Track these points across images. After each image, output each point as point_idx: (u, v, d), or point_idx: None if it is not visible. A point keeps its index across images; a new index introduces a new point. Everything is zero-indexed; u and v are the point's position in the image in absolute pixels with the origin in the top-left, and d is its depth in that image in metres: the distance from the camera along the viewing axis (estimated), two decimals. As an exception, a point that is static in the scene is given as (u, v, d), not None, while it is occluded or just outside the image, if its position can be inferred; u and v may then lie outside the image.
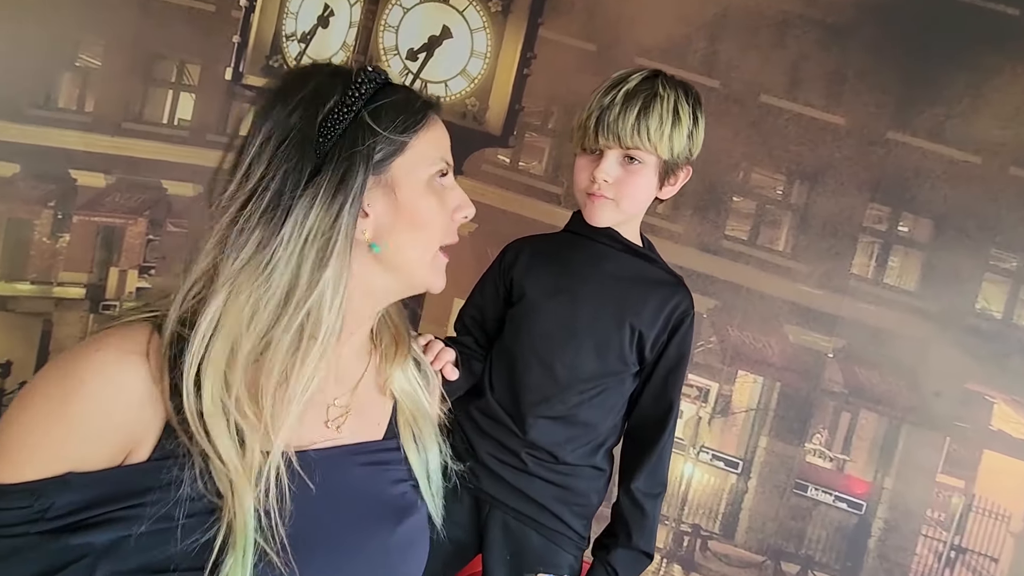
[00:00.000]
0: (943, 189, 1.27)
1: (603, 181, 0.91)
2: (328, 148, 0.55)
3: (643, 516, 0.97)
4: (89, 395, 0.46)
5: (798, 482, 1.34)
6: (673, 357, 1.00)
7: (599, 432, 0.96)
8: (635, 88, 0.88)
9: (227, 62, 1.49)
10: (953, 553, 1.24)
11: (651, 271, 1.01)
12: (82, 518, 0.45)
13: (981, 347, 1.25)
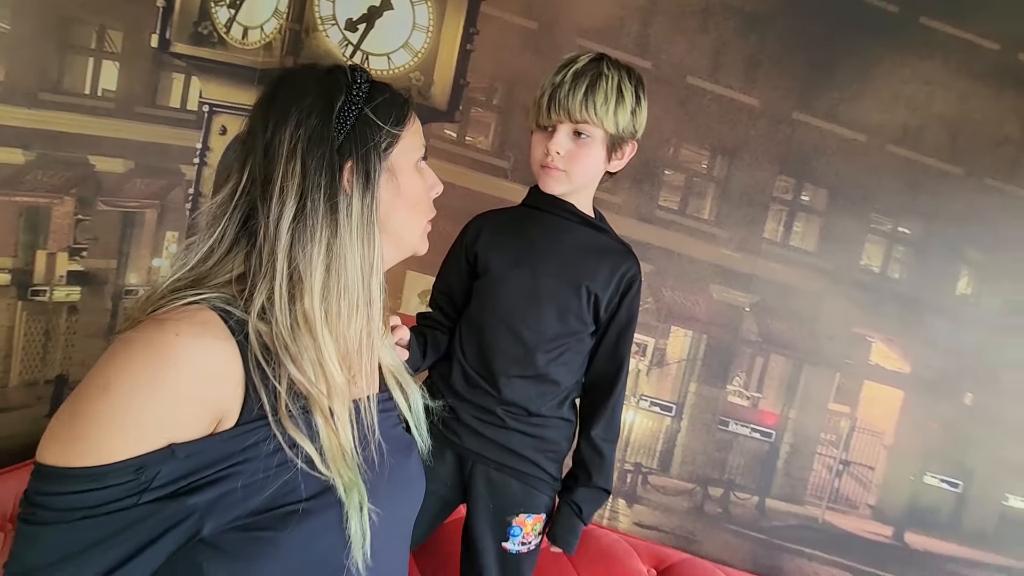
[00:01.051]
0: (836, 163, 1.43)
1: (556, 153, 0.97)
2: (342, 144, 0.57)
3: (602, 459, 1.08)
4: (182, 374, 0.48)
5: (721, 419, 1.51)
6: (624, 317, 1.10)
7: (564, 387, 1.05)
8: (582, 68, 0.95)
9: (152, 28, 1.34)
10: (841, 466, 1.46)
11: (603, 240, 1.10)
12: (187, 483, 0.48)
13: (863, 297, 1.44)
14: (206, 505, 0.48)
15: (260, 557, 0.50)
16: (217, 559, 0.50)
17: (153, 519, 0.47)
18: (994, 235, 1.37)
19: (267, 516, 0.50)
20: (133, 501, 0.46)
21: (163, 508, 0.47)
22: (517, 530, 1.02)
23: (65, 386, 1.33)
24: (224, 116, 1.54)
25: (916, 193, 1.40)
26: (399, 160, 0.61)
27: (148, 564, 0.47)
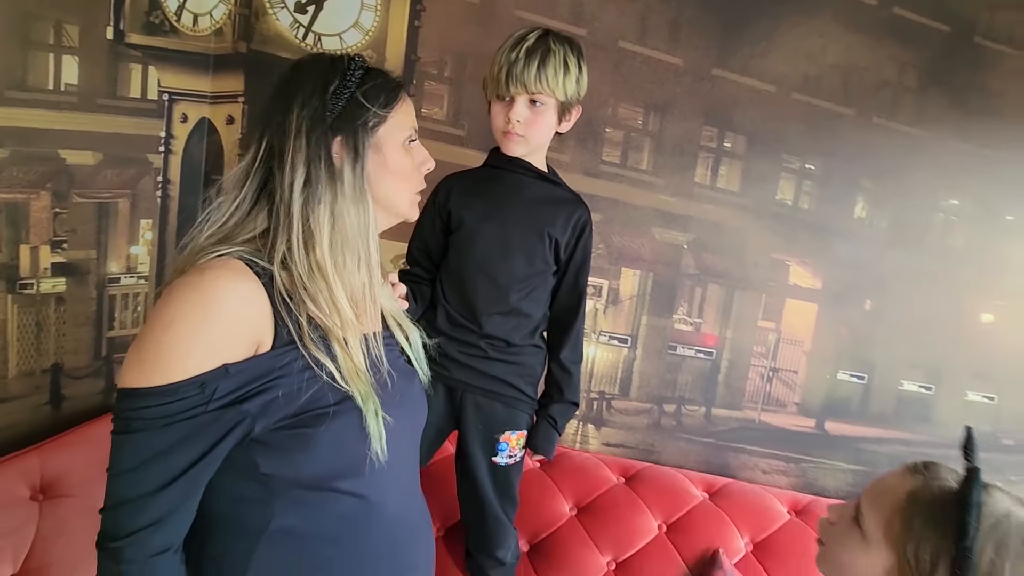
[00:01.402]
0: (751, 112, 1.62)
1: (516, 122, 1.12)
2: (334, 122, 0.67)
3: (570, 377, 1.28)
4: (225, 309, 0.61)
5: (670, 345, 1.71)
6: (580, 257, 1.29)
7: (535, 319, 1.23)
8: (534, 45, 1.10)
9: (107, 21, 1.35)
10: (771, 373, 1.69)
11: (558, 192, 1.27)
12: (240, 394, 0.60)
13: (780, 227, 1.66)
14: (256, 410, 0.60)
15: (299, 450, 0.63)
16: (266, 453, 0.62)
17: (218, 423, 0.59)
18: (881, 165, 1.61)
19: (303, 418, 0.63)
20: (201, 410, 0.58)
21: (224, 414, 0.59)
22: (504, 446, 1.19)
23: (61, 373, 1.38)
24: (184, 103, 1.57)
25: (817, 133, 1.61)
26: (386, 137, 0.71)
27: (216, 459, 0.60)
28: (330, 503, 0.65)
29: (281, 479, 0.63)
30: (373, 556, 0.67)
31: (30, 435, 1.24)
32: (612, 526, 1.49)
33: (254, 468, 0.63)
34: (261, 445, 0.62)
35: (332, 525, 0.65)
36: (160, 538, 0.58)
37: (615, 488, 1.56)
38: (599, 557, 1.47)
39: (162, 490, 0.57)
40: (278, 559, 0.64)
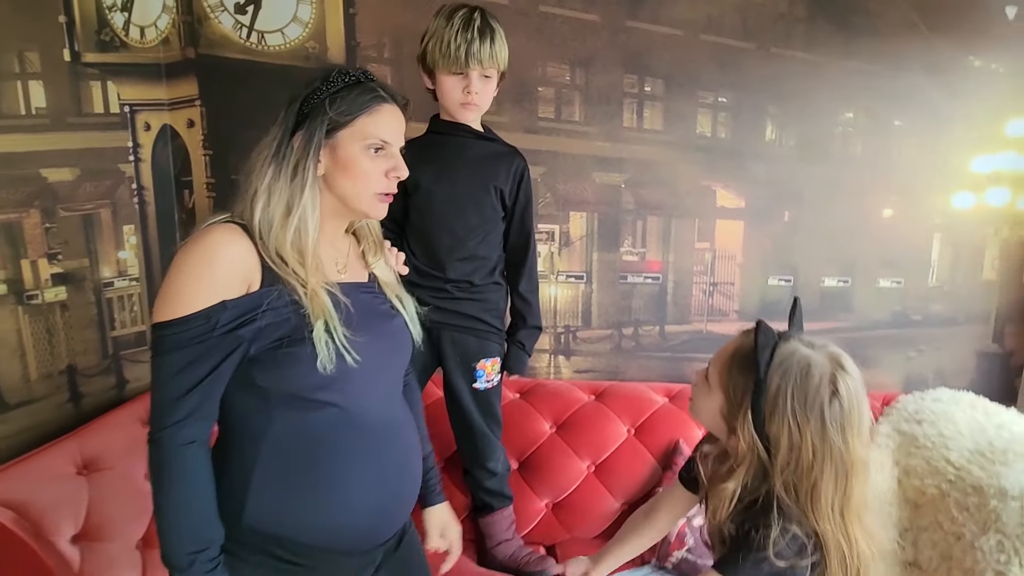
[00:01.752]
0: (665, 56, 1.78)
1: (475, 93, 1.29)
2: (304, 121, 0.83)
3: (530, 305, 1.49)
4: (224, 258, 0.78)
5: (620, 275, 1.90)
6: (523, 200, 1.50)
7: (492, 260, 1.42)
8: (481, 26, 1.27)
9: (62, 43, 1.43)
10: (711, 288, 1.90)
11: (497, 147, 1.47)
12: (236, 324, 0.76)
13: (703, 157, 1.84)
14: (250, 335, 0.77)
15: (285, 366, 0.78)
16: (261, 369, 0.78)
17: (221, 346, 0.76)
18: (783, 91, 1.79)
19: (287, 340, 0.78)
20: (208, 335, 0.75)
21: (226, 339, 0.76)
22: (481, 372, 1.38)
23: (76, 373, 1.50)
24: (144, 113, 1.66)
25: (725, 69, 1.79)
26: (343, 141, 0.82)
27: (225, 374, 0.77)
28: (314, 411, 0.80)
29: (274, 392, 0.79)
30: (354, 453, 0.83)
31: (58, 430, 1.38)
32: (587, 436, 1.70)
33: (253, 383, 0.79)
34: (257, 363, 0.78)
35: (318, 429, 0.81)
36: (187, 433, 0.75)
37: (587, 405, 1.76)
38: (579, 463, 1.68)
39: (185, 396, 0.74)
40: (277, 457, 0.80)
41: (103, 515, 1.19)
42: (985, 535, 1.17)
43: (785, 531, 0.74)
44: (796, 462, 0.73)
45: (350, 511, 0.84)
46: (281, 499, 0.81)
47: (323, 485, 0.82)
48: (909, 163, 1.84)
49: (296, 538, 0.82)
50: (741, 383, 0.77)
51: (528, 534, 1.63)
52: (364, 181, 0.85)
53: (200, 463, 0.77)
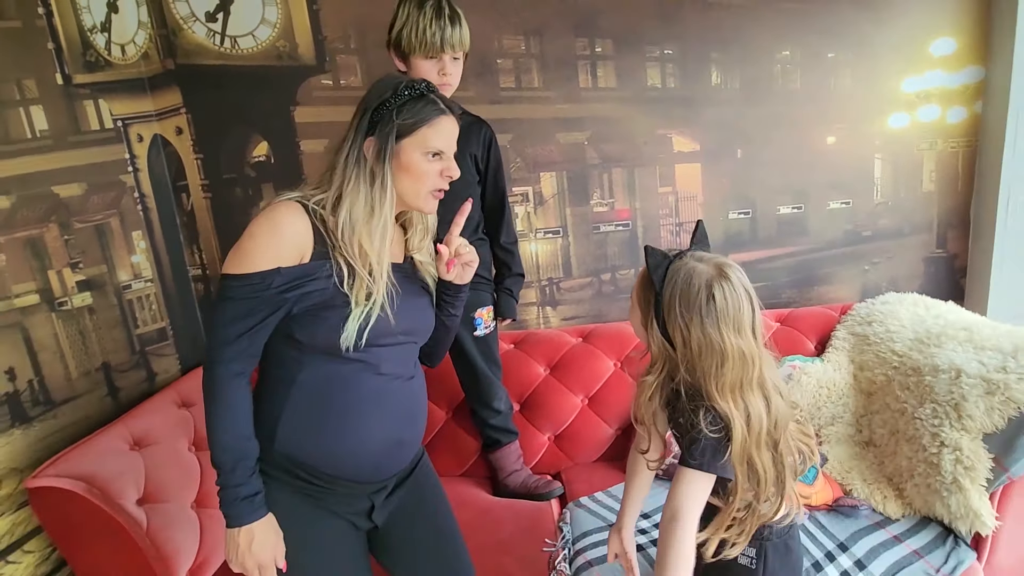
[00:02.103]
0: (611, 17, 1.89)
1: (449, 75, 1.44)
2: (370, 128, 0.96)
3: (512, 255, 1.66)
4: (287, 232, 0.93)
5: (593, 226, 2.04)
6: (494, 163, 1.67)
7: (475, 219, 1.59)
8: (451, 13, 1.42)
9: (54, 68, 1.54)
10: (677, 227, 2.05)
11: (466, 119, 1.63)
12: (286, 287, 0.91)
13: (657, 108, 1.97)
14: (295, 298, 0.92)
15: (319, 324, 0.93)
16: (299, 325, 0.93)
17: (270, 302, 0.91)
18: (723, 37, 1.92)
19: (323, 304, 0.93)
20: (261, 292, 0.90)
21: (276, 298, 0.91)
22: (479, 320, 1.53)
23: (110, 370, 1.65)
24: (136, 125, 1.78)
25: (669, 23, 1.91)
26: (406, 147, 0.94)
27: (270, 325, 0.92)
28: (339, 363, 0.95)
29: (308, 344, 0.94)
30: (366, 402, 0.97)
31: (102, 421, 1.53)
32: (578, 374, 1.87)
33: (291, 335, 0.94)
34: (297, 320, 0.93)
35: (340, 379, 0.95)
36: (234, 368, 0.91)
37: (576, 347, 1.93)
38: (573, 398, 1.85)
39: (237, 339, 0.90)
40: (303, 399, 0.96)
41: (159, 481, 1.35)
42: (922, 406, 1.35)
43: (704, 409, 0.89)
44: (689, 354, 0.89)
45: (361, 449, 0.99)
46: (304, 433, 0.97)
47: (339, 426, 0.97)
48: (845, 92, 1.99)
49: (316, 465, 0.98)
50: (648, 297, 0.93)
51: (535, 465, 1.81)
52: (419, 179, 0.97)
53: (243, 392, 0.93)
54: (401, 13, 1.37)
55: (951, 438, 1.25)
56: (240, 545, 0.93)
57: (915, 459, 1.32)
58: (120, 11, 1.70)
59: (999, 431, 1.21)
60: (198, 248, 1.95)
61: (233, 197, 1.92)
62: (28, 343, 1.43)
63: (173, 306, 1.89)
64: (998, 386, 1.22)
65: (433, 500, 1.16)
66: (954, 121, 1.99)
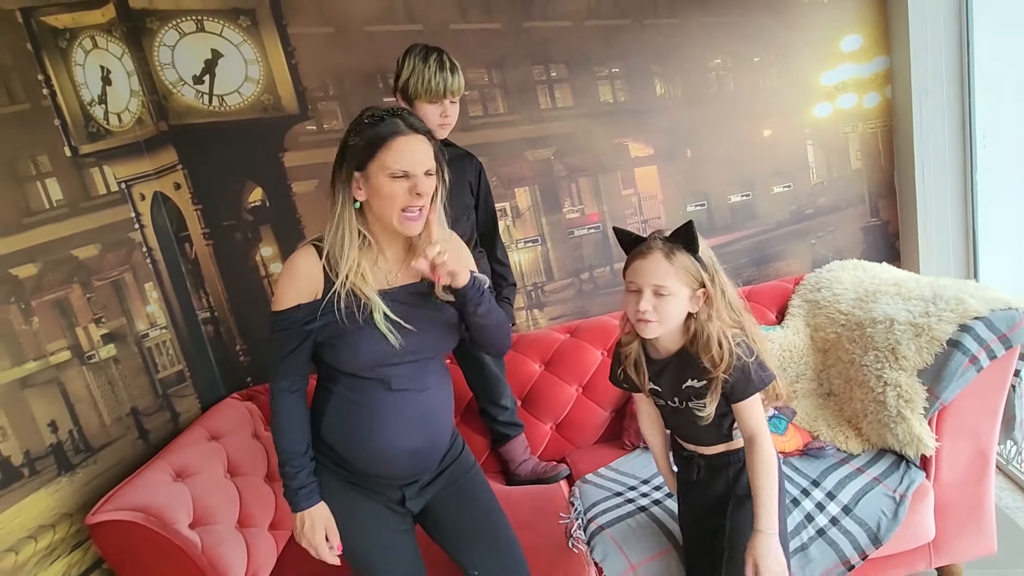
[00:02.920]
0: (562, 45, 2.09)
1: (449, 116, 1.63)
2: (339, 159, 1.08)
3: (506, 267, 1.86)
4: (300, 273, 1.08)
5: (567, 231, 2.22)
6: (484, 188, 1.87)
7: (472, 235, 1.75)
8: (451, 65, 1.62)
9: (62, 143, 1.66)
10: (643, 225, 2.24)
11: (459, 151, 1.83)
12: (307, 319, 1.08)
13: (611, 120, 2.17)
14: (316, 327, 1.09)
15: (339, 349, 1.08)
16: (325, 351, 1.10)
17: (299, 333, 1.09)
18: (661, 52, 2.14)
19: (340, 330, 1.07)
20: (290, 326, 1.08)
21: (300, 330, 1.09)
22: None
23: (139, 414, 1.75)
24: (138, 185, 1.90)
25: (612, 44, 2.12)
26: (372, 171, 1.02)
27: (304, 351, 1.10)
28: (358, 383, 1.11)
29: (334, 366, 1.11)
30: (389, 412, 1.11)
31: (138, 462, 1.63)
32: (570, 366, 2.04)
33: (323, 358, 1.11)
34: (322, 347, 1.10)
35: (364, 394, 1.10)
36: (284, 383, 1.11)
37: (565, 342, 2.10)
38: (568, 388, 2.02)
39: (282, 361, 1.09)
40: (337, 406, 1.13)
41: (206, 506, 1.46)
42: (867, 354, 1.55)
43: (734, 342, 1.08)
44: (720, 279, 1.11)
45: (379, 454, 1.12)
46: (339, 433, 1.13)
47: (361, 432, 1.12)
48: (773, 89, 2.22)
49: (349, 460, 1.14)
50: (685, 263, 1.07)
51: (541, 453, 1.97)
52: (392, 201, 1.03)
53: (295, 404, 1.12)
54: (407, 64, 1.56)
55: (892, 377, 1.45)
56: (298, 527, 1.12)
57: (866, 400, 1.52)
58: (113, 83, 1.83)
59: (928, 366, 1.42)
60: (205, 292, 2.06)
61: (234, 242, 2.05)
62: (65, 396, 1.53)
63: (188, 349, 1.99)
64: (923, 328, 1.43)
65: (471, 487, 1.27)
66: (870, 106, 2.25)
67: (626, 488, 1.61)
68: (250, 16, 1.90)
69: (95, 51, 1.79)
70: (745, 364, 1.08)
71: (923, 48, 2.06)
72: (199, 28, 1.89)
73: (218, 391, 2.08)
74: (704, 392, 1.09)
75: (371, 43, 1.99)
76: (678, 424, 1.23)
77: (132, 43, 1.87)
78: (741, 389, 1.09)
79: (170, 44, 1.88)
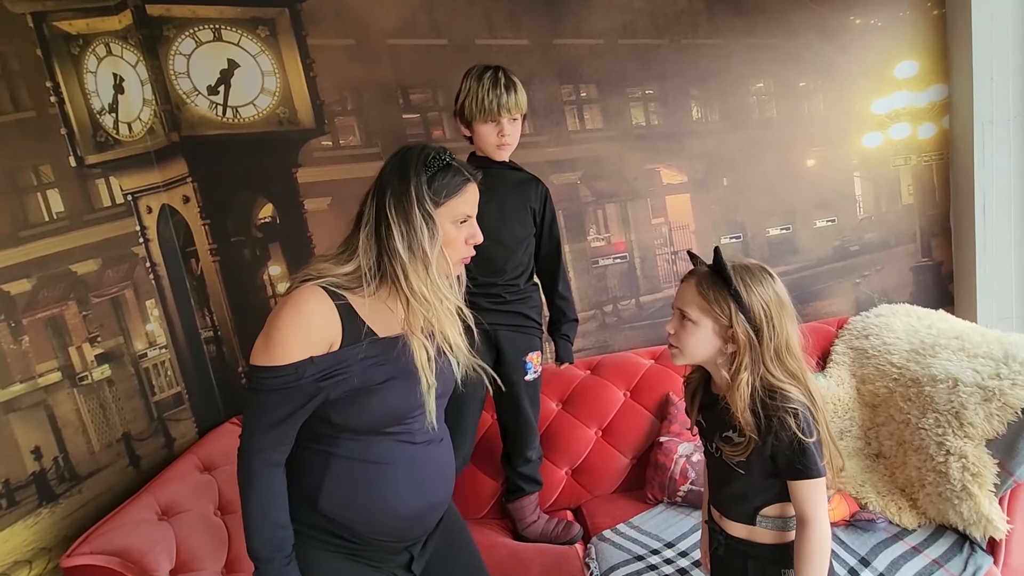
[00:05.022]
0: (593, 64, 2.00)
1: (507, 135, 1.52)
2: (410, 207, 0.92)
3: (568, 302, 1.73)
4: (315, 319, 0.88)
5: (592, 260, 2.11)
6: (549, 215, 1.75)
7: (531, 267, 1.65)
8: (506, 82, 1.52)
9: (67, 152, 1.60)
10: (673, 256, 2.12)
11: (523, 175, 1.72)
12: (319, 376, 0.88)
13: (643, 144, 2.06)
14: (330, 386, 0.89)
15: (357, 409, 0.91)
16: (335, 409, 0.91)
17: (304, 393, 0.88)
18: (700, 74, 2.02)
19: (361, 389, 0.90)
20: (295, 384, 0.87)
21: (309, 388, 0.88)
22: (530, 364, 1.60)
23: (131, 439, 1.67)
24: (146, 198, 1.83)
25: (647, 65, 2.01)
26: (442, 217, 0.94)
27: (304, 414, 0.90)
28: (375, 441, 0.95)
29: (345, 426, 0.93)
30: (400, 469, 0.98)
31: (127, 491, 1.54)
32: (590, 406, 1.90)
33: (327, 418, 0.92)
34: (333, 405, 0.91)
35: (373, 452, 0.95)
36: (268, 457, 0.90)
37: (585, 379, 1.97)
38: (587, 431, 1.88)
39: (270, 429, 0.88)
40: (341, 469, 0.96)
41: (190, 550, 1.36)
42: (925, 416, 1.40)
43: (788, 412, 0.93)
44: (772, 327, 0.95)
45: (398, 514, 1.01)
46: (345, 500, 0.98)
47: (377, 493, 0.99)
48: (819, 116, 2.09)
49: (355, 528, 0.99)
50: (717, 296, 0.96)
51: (555, 500, 1.83)
52: (452, 246, 0.97)
53: (277, 481, 0.92)
54: (464, 87, 1.48)
55: (956, 446, 1.29)
56: None
57: (924, 469, 1.36)
58: (126, 92, 1.77)
59: (1000, 436, 1.26)
60: (209, 311, 1.99)
61: (242, 259, 1.97)
62: (52, 421, 1.45)
63: (188, 370, 1.91)
64: (994, 392, 1.28)
65: (461, 541, 1.18)
66: (925, 137, 2.09)
67: (648, 552, 1.47)
68: (269, 26, 1.83)
69: (109, 58, 1.74)
70: (799, 443, 0.93)
71: (987, 76, 1.90)
72: (216, 37, 1.83)
73: (218, 415, 1.99)
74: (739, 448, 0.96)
75: (393, 57, 1.91)
76: (712, 478, 1.09)
77: (148, 51, 1.81)
78: (799, 469, 0.94)
79: (186, 53, 1.82)
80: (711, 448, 1.06)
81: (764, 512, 1.00)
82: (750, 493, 1.01)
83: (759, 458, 0.97)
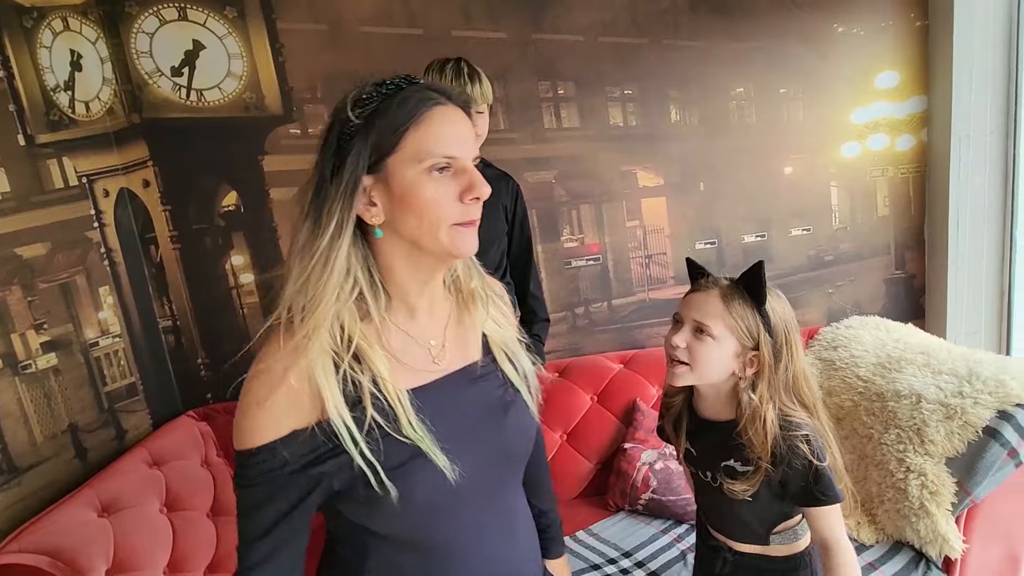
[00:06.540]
0: (572, 61, 1.96)
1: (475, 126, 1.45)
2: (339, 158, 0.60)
3: (540, 301, 1.69)
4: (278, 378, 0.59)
5: (565, 261, 2.07)
6: (520, 213, 1.70)
7: (501, 265, 1.60)
8: (469, 72, 1.46)
9: (16, 130, 1.53)
10: (647, 260, 2.09)
11: (494, 171, 1.68)
12: (312, 457, 0.61)
13: (620, 145, 2.03)
14: (331, 470, 0.61)
15: (368, 507, 0.62)
16: (346, 506, 0.64)
17: (296, 484, 0.61)
18: (680, 76, 1.99)
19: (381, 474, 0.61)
20: (279, 472, 0.60)
21: (300, 477, 0.61)
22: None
23: (78, 431, 1.61)
24: (102, 180, 1.77)
25: (627, 64, 1.98)
26: (394, 169, 0.61)
27: (304, 514, 0.63)
28: (410, 553, 0.67)
29: (370, 530, 0.65)
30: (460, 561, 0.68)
31: (71, 485, 1.48)
32: (556, 410, 1.87)
33: (347, 518, 0.65)
34: (342, 498, 0.63)
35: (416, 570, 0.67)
36: (267, 571, 0.63)
37: (553, 384, 1.94)
38: (553, 434, 1.85)
39: (259, 539, 0.62)
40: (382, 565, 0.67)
41: (129, 549, 1.31)
42: (887, 432, 1.38)
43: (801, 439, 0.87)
44: (790, 351, 0.90)
45: None
46: None
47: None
48: (798, 124, 2.07)
49: None
50: (747, 315, 0.89)
51: (516, 504, 1.80)
52: (434, 212, 0.63)
53: None
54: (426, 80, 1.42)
55: (916, 463, 1.28)
56: None
57: (884, 484, 1.35)
58: (84, 69, 1.70)
59: (960, 455, 1.25)
60: (168, 300, 1.93)
61: (203, 247, 1.91)
62: (-10, 410, 1.39)
63: (143, 360, 1.85)
64: (956, 411, 1.27)
65: None
66: (903, 149, 2.08)
67: (604, 560, 1.44)
68: (237, 7, 1.77)
69: (66, 33, 1.67)
70: (815, 469, 0.87)
71: (967, 90, 1.89)
72: (181, 16, 1.76)
73: (175, 406, 1.93)
74: (746, 478, 0.91)
75: (366, 45, 1.86)
76: (708, 505, 1.03)
77: (108, 28, 1.74)
78: (819, 497, 0.88)
79: (149, 31, 1.75)
80: (704, 477, 0.98)
81: (776, 530, 0.96)
82: (759, 520, 0.96)
83: (766, 485, 0.90)
